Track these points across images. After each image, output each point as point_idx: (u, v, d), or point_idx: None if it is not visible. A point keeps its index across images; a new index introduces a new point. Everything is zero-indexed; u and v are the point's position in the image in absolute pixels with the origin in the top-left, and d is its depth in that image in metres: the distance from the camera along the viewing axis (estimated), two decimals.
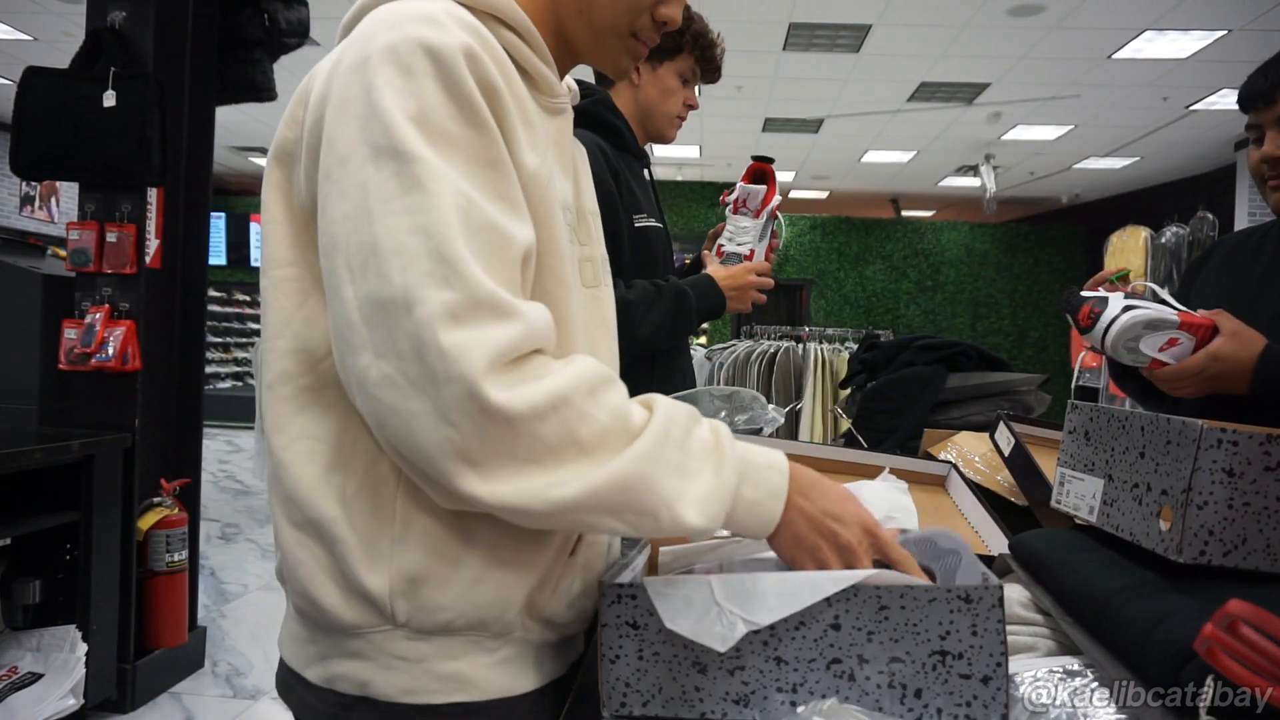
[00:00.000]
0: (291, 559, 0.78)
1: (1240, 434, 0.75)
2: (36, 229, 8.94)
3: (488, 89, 0.72)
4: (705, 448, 0.73)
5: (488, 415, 0.64)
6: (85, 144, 2.75)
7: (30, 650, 2.55)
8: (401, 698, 0.76)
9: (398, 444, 0.67)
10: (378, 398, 0.67)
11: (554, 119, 0.88)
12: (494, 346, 0.65)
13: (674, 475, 0.70)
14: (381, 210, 0.67)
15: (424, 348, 0.64)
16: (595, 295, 0.94)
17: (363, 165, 0.68)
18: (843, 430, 2.02)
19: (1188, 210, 7.81)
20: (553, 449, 0.67)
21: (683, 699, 0.72)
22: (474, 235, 0.67)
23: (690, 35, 1.78)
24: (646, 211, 1.77)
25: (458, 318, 0.65)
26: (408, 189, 0.67)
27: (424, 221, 0.66)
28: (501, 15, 0.80)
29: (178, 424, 3.10)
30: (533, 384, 0.66)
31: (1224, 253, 1.50)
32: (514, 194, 0.73)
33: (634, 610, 0.72)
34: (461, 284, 0.65)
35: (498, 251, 0.69)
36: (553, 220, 0.79)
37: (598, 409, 0.69)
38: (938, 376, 1.71)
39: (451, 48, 0.70)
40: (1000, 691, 0.69)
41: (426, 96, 0.69)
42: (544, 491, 0.67)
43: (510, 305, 0.67)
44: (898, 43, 5.82)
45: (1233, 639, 0.54)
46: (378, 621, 0.76)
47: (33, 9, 5.78)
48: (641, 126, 1.84)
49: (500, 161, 0.72)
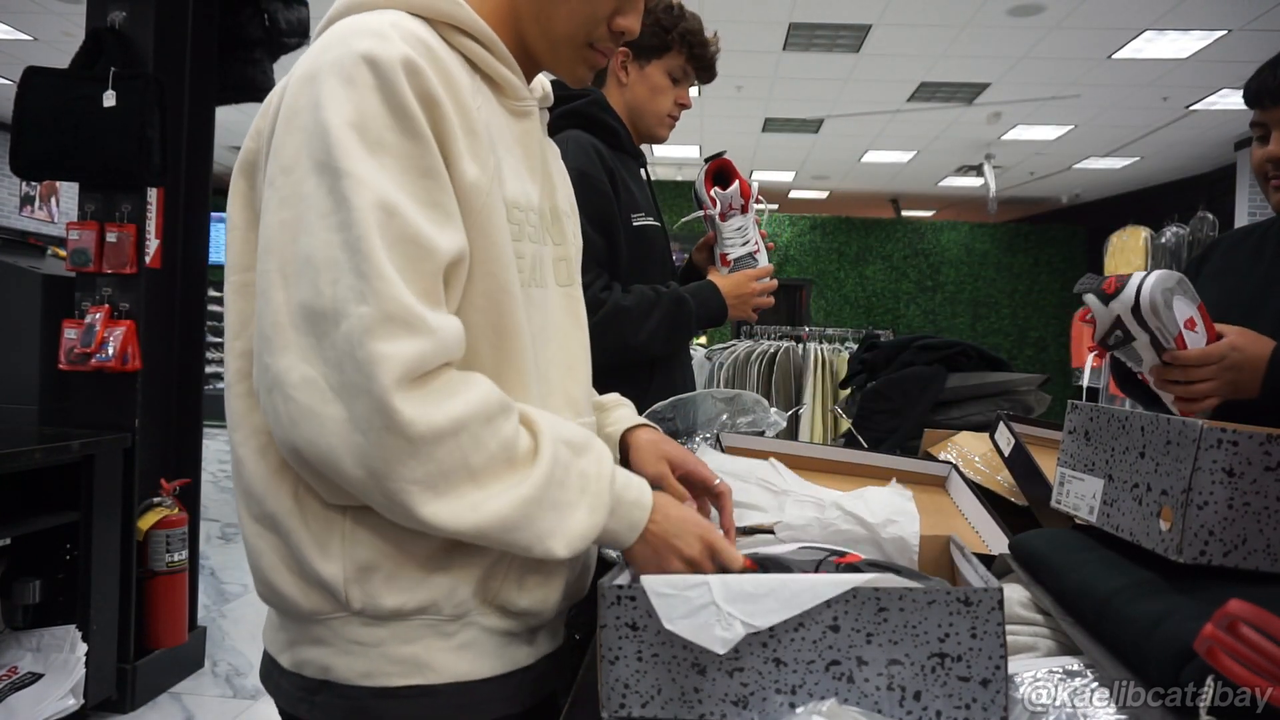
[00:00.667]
0: (253, 550, 0.82)
1: (1240, 434, 0.75)
2: (36, 229, 8.94)
3: (427, 100, 0.75)
4: (584, 483, 0.80)
5: (392, 429, 0.69)
6: (85, 144, 2.75)
7: (30, 650, 2.55)
8: (360, 680, 0.80)
9: (306, 444, 0.72)
10: (295, 399, 0.71)
11: (520, 121, 0.90)
12: (403, 361, 0.69)
13: (552, 513, 0.77)
14: (318, 224, 0.71)
15: (346, 359, 0.69)
16: (569, 294, 0.96)
17: (304, 177, 0.72)
18: (843, 430, 2.02)
19: (1188, 210, 7.81)
20: (446, 474, 0.72)
21: (682, 700, 0.72)
22: (393, 248, 0.71)
23: (678, 33, 1.75)
24: (644, 210, 1.76)
25: (372, 331, 0.69)
26: (339, 205, 0.71)
27: (349, 237, 0.70)
28: (460, 24, 0.83)
29: (178, 424, 3.10)
30: (438, 405, 0.71)
31: (1223, 252, 1.50)
32: (447, 202, 0.76)
33: (633, 612, 0.72)
34: (377, 299, 0.69)
35: (416, 263, 0.72)
36: (494, 228, 0.81)
37: (490, 438, 0.74)
38: (938, 376, 1.71)
39: (391, 59, 0.73)
40: (999, 694, 0.69)
41: (365, 106, 0.72)
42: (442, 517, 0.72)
43: (421, 319, 0.71)
44: (898, 43, 5.82)
45: (1233, 639, 0.53)
46: (335, 608, 0.80)
47: (33, 9, 5.78)
48: (633, 126, 1.83)
49: (434, 170, 0.75)
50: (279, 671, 0.86)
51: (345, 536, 0.78)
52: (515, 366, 0.83)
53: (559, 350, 0.92)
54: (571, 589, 0.91)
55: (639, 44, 1.75)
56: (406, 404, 0.69)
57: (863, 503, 1.06)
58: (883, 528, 1.01)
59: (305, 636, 0.82)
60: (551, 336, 0.90)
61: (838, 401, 3.77)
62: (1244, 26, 5.27)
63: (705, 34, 1.80)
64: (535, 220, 0.89)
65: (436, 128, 0.75)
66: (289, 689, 0.84)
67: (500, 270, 0.81)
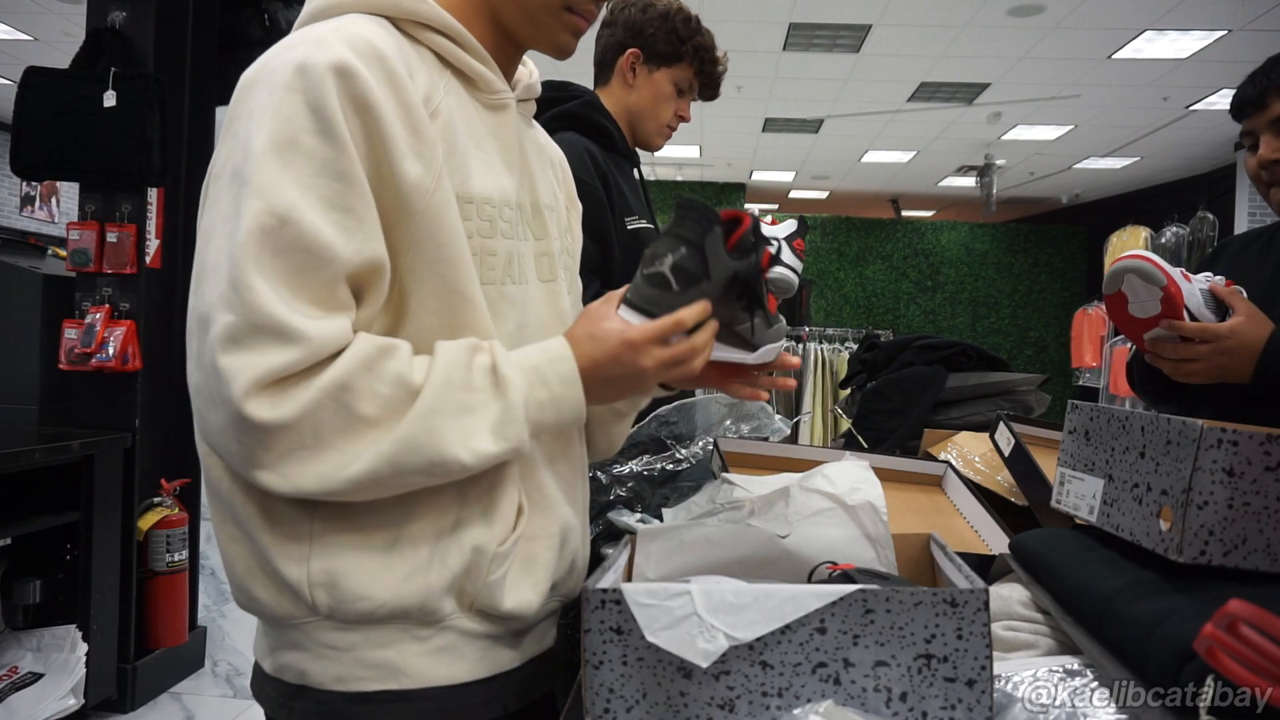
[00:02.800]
0: (227, 556, 0.82)
1: (1240, 434, 0.75)
2: (36, 229, 8.93)
3: (357, 103, 0.74)
4: (484, 376, 0.76)
5: (253, 432, 0.69)
6: (85, 144, 2.75)
7: (30, 650, 2.56)
8: (334, 685, 0.79)
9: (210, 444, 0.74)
10: (195, 402, 0.73)
11: (495, 114, 0.89)
12: (262, 370, 0.68)
13: (463, 416, 0.74)
14: (220, 230, 0.72)
15: (210, 366, 0.70)
16: (552, 289, 0.94)
17: (223, 186, 0.74)
18: (843, 430, 2.01)
19: (1188, 210, 7.82)
20: (342, 430, 0.71)
21: (668, 704, 0.71)
22: (278, 256, 0.70)
23: (692, 46, 1.76)
24: (637, 213, 1.76)
25: (235, 340, 0.69)
26: (235, 212, 0.71)
27: (230, 245, 0.70)
28: (426, 20, 0.83)
29: (178, 424, 3.10)
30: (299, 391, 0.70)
31: (1232, 254, 1.51)
32: (361, 208, 0.74)
33: (618, 616, 0.72)
34: (243, 307, 0.69)
35: (305, 271, 0.71)
36: (442, 228, 0.78)
37: (376, 382, 0.72)
38: (938, 376, 1.71)
39: (320, 65, 0.73)
40: (985, 695, 0.69)
41: (285, 109, 0.72)
42: (339, 472, 0.71)
43: (292, 329, 0.69)
44: (898, 43, 5.81)
45: (1233, 639, 0.53)
46: (305, 613, 0.79)
47: (33, 9, 5.78)
48: (631, 130, 1.82)
49: (349, 175, 0.73)
50: (263, 676, 0.86)
51: (312, 540, 0.78)
52: None
53: None
54: (560, 589, 0.90)
55: (653, 49, 1.76)
56: (261, 409, 0.68)
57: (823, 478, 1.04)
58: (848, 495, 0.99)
59: (283, 641, 0.82)
60: (531, 334, 0.88)
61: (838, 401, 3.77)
62: (1244, 26, 5.27)
63: (717, 52, 1.80)
64: (511, 215, 0.87)
65: (368, 130, 0.74)
66: (271, 694, 0.84)
67: (449, 270, 0.79)
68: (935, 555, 0.95)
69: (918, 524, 1.20)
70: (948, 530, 1.20)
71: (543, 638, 0.91)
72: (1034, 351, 10.85)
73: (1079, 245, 10.86)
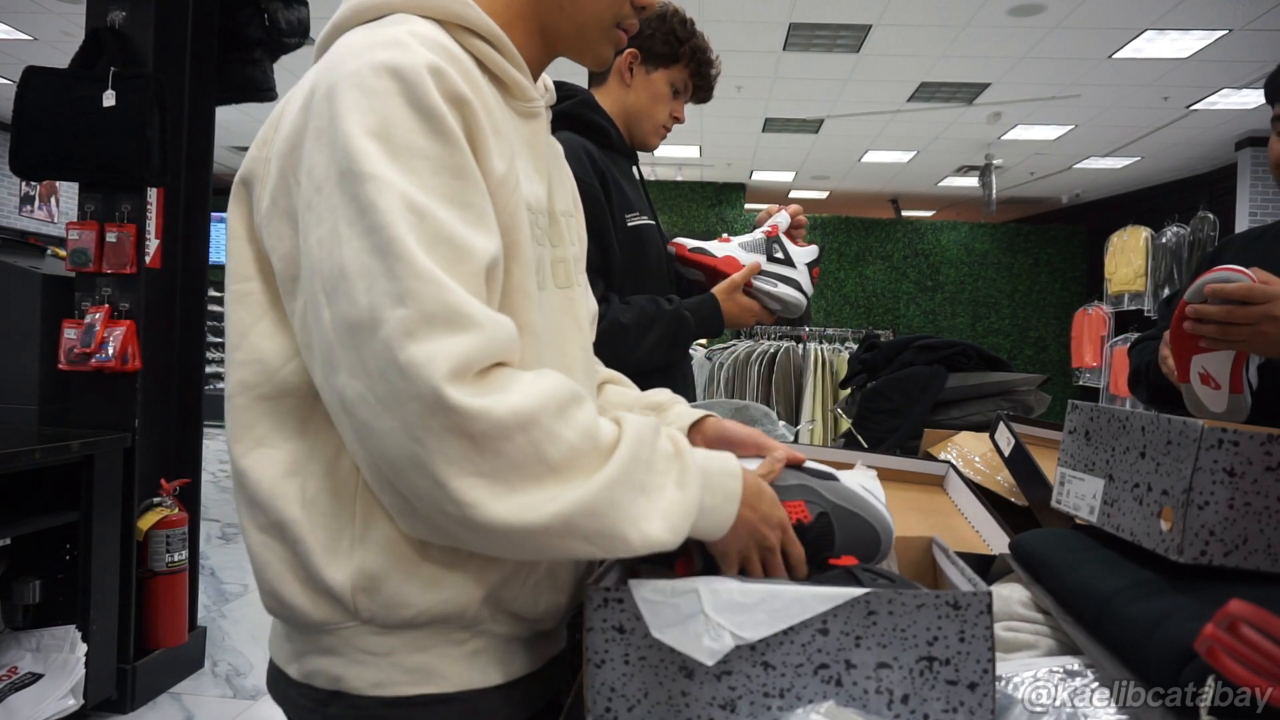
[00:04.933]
0: (259, 561, 0.81)
1: (1241, 434, 0.75)
2: (36, 229, 8.93)
3: (456, 100, 0.73)
4: (667, 462, 0.76)
5: (452, 429, 0.65)
6: (85, 144, 2.75)
7: (30, 650, 2.55)
8: (372, 690, 0.78)
9: (376, 460, 0.69)
10: (356, 415, 0.69)
11: (528, 123, 0.89)
12: (451, 358, 0.66)
13: (641, 495, 0.72)
14: (348, 233, 0.69)
15: (387, 367, 0.66)
16: (568, 295, 0.94)
17: (333, 191, 0.70)
18: (843, 430, 2.01)
19: (1188, 210, 7.82)
20: (520, 468, 0.67)
21: (669, 704, 0.71)
22: (430, 249, 0.68)
23: (689, 47, 1.78)
24: (638, 210, 1.76)
25: (412, 334, 0.66)
26: (365, 210, 0.68)
27: (379, 241, 0.68)
28: (471, 26, 0.82)
29: (178, 424, 3.10)
30: (497, 396, 0.67)
31: (1235, 253, 1.51)
32: (481, 203, 0.74)
33: (620, 615, 0.72)
34: (414, 300, 0.66)
35: (456, 264, 0.69)
36: (517, 226, 0.79)
37: (566, 428, 0.70)
38: (938, 376, 1.71)
39: (415, 65, 0.72)
40: (987, 698, 0.69)
41: (390, 112, 0.71)
42: (517, 513, 0.67)
43: (466, 316, 0.67)
44: (898, 43, 5.81)
45: (1233, 639, 0.53)
46: (344, 618, 0.78)
47: (33, 9, 5.78)
48: (627, 129, 1.83)
49: (467, 170, 0.73)
50: (287, 682, 0.84)
51: (355, 542, 0.77)
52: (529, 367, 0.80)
53: (559, 353, 0.91)
54: (578, 591, 0.90)
55: (650, 49, 1.78)
56: (464, 398, 0.65)
57: None
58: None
59: (314, 647, 0.81)
60: (552, 339, 0.89)
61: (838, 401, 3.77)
62: (1244, 26, 5.27)
63: (711, 54, 1.83)
64: (543, 222, 0.89)
65: (467, 125, 0.74)
66: (299, 700, 0.83)
67: (518, 269, 0.80)
68: (937, 558, 0.95)
69: (919, 524, 1.20)
70: (949, 530, 1.20)
71: (558, 639, 0.92)
72: (1034, 351, 10.85)
73: (1079, 245, 10.85)
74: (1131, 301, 7.93)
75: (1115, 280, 8.04)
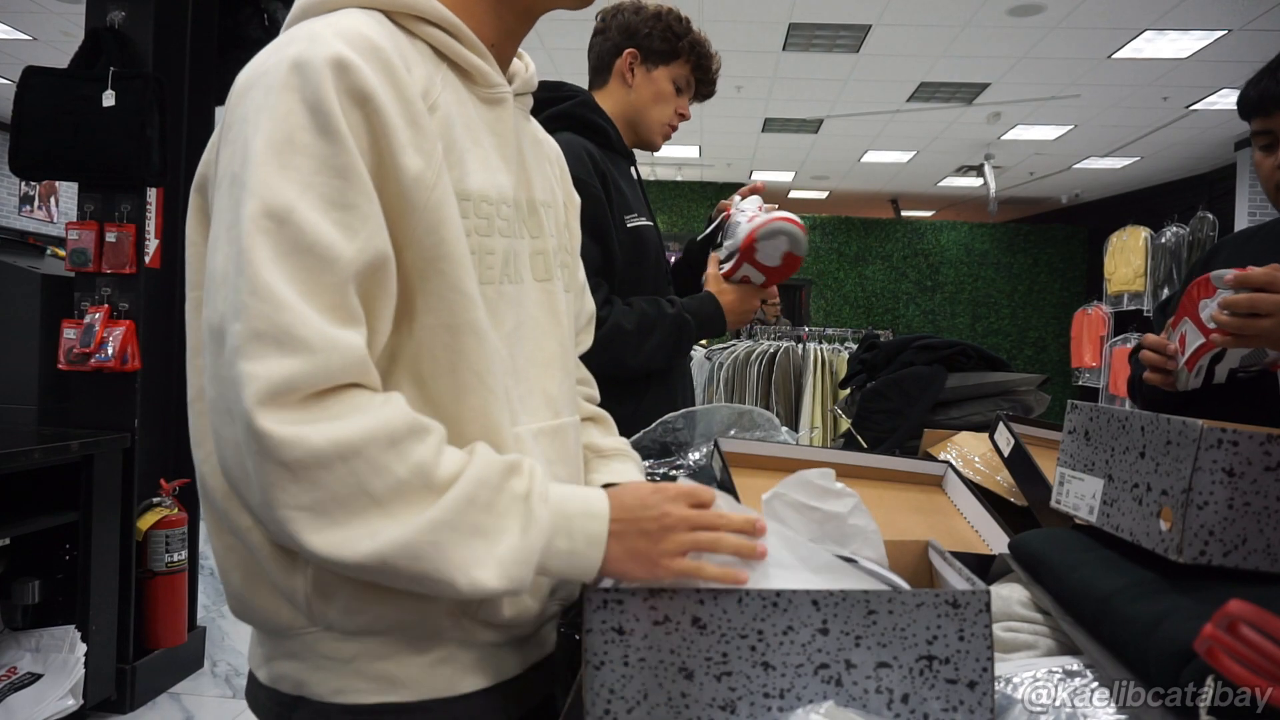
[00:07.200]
0: (224, 566, 0.81)
1: (1240, 434, 0.75)
2: (36, 229, 8.93)
3: (357, 97, 0.71)
4: (514, 503, 0.72)
5: (264, 454, 0.64)
6: (85, 144, 2.75)
7: (30, 650, 2.55)
8: (333, 697, 0.78)
9: (222, 467, 0.69)
10: (210, 419, 0.70)
11: (492, 109, 0.87)
12: (268, 380, 0.64)
13: (475, 539, 0.69)
14: (224, 238, 0.69)
15: (225, 378, 0.66)
16: (547, 289, 0.92)
17: (225, 192, 0.71)
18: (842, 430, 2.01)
19: (1188, 210, 7.82)
20: (341, 501, 0.65)
21: (669, 705, 0.71)
22: (282, 259, 0.67)
23: (688, 42, 1.79)
24: (637, 211, 1.76)
25: (240, 350, 0.65)
26: (236, 218, 0.68)
27: (237, 250, 0.67)
28: (422, 13, 0.81)
29: (177, 424, 3.09)
30: (322, 424, 0.65)
31: (1230, 253, 1.50)
32: (363, 205, 0.71)
33: (619, 616, 0.71)
34: (246, 316, 0.65)
35: (313, 275, 0.67)
36: (442, 223, 0.76)
37: (396, 461, 0.67)
38: (937, 376, 1.71)
39: (317, 60, 0.71)
40: (986, 696, 0.69)
41: (281, 108, 0.70)
42: (334, 548, 0.65)
43: (296, 338, 0.65)
44: (898, 43, 5.81)
45: (1233, 639, 0.53)
46: (305, 623, 0.78)
47: (33, 9, 5.78)
48: (630, 130, 1.83)
49: (350, 171, 0.70)
50: (257, 686, 0.84)
51: None
52: (473, 367, 0.78)
53: (535, 348, 0.89)
54: (560, 593, 0.89)
55: (649, 48, 1.78)
56: (273, 425, 0.64)
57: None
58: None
59: (280, 651, 0.81)
60: (527, 334, 0.87)
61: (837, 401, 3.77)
62: (1244, 26, 5.27)
63: (710, 48, 1.84)
64: (509, 213, 0.86)
65: (368, 124, 0.72)
66: (267, 704, 0.83)
67: (450, 268, 0.77)
68: (934, 561, 0.95)
69: (918, 524, 1.20)
70: (948, 530, 1.19)
71: (543, 643, 0.90)
72: (1034, 351, 10.85)
73: (1079, 245, 10.86)
74: (1131, 301, 7.93)
75: (1115, 280, 8.04)
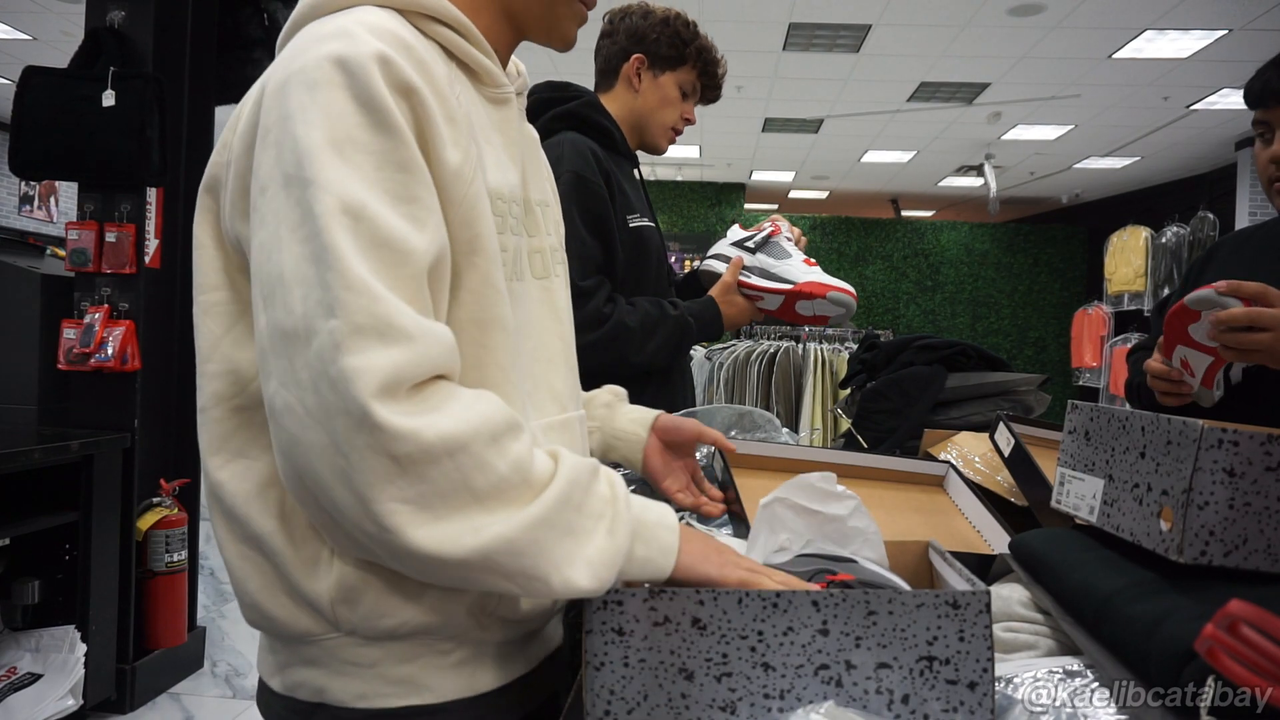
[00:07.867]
0: (238, 574, 0.79)
1: (1241, 434, 0.75)
2: (36, 229, 8.93)
3: (404, 90, 0.72)
4: (602, 506, 0.73)
5: (376, 448, 0.63)
6: (85, 144, 2.75)
7: (29, 650, 2.55)
8: (355, 703, 0.77)
9: (301, 472, 0.67)
10: (283, 426, 0.67)
11: (499, 109, 0.88)
12: (380, 372, 0.64)
13: (568, 538, 0.70)
14: (288, 238, 0.67)
15: (319, 379, 0.64)
16: (546, 286, 0.93)
17: (276, 193, 0.69)
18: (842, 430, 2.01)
19: (1188, 210, 7.82)
20: (445, 496, 0.65)
21: (669, 706, 0.71)
22: (364, 254, 0.66)
23: (695, 48, 1.80)
24: (639, 211, 1.78)
25: (341, 346, 0.64)
26: (305, 216, 0.67)
27: (315, 248, 0.66)
28: (433, 13, 0.81)
29: (177, 424, 3.10)
30: (429, 417, 0.65)
31: (1227, 253, 1.50)
32: (427, 197, 0.72)
33: (619, 617, 0.71)
34: (344, 311, 0.64)
35: (393, 268, 0.67)
36: (478, 218, 0.77)
37: (498, 458, 0.68)
38: (937, 376, 1.71)
39: (361, 56, 0.70)
40: (987, 697, 0.69)
41: (334, 107, 0.69)
42: (437, 543, 0.65)
43: (397, 328, 0.65)
44: (898, 43, 5.81)
45: (1233, 639, 0.53)
46: (326, 630, 0.77)
47: (33, 9, 5.78)
48: (635, 133, 1.84)
49: (410, 164, 0.71)
50: (270, 695, 0.83)
51: (333, 554, 0.75)
52: (499, 362, 0.79)
53: (537, 344, 0.90)
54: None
55: (656, 54, 1.80)
56: (391, 417, 0.63)
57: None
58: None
59: (297, 658, 0.80)
60: (532, 331, 0.88)
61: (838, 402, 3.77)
62: (1244, 26, 5.27)
63: (716, 54, 1.85)
64: (517, 211, 0.87)
65: (415, 115, 0.72)
66: (282, 712, 0.82)
67: (484, 263, 0.78)
68: (934, 562, 0.95)
69: (919, 524, 1.20)
70: (949, 530, 1.19)
71: (552, 637, 0.91)
72: (1034, 351, 10.85)
73: (1079, 245, 10.86)
74: (1131, 301, 7.93)
75: (1115, 280, 8.04)
